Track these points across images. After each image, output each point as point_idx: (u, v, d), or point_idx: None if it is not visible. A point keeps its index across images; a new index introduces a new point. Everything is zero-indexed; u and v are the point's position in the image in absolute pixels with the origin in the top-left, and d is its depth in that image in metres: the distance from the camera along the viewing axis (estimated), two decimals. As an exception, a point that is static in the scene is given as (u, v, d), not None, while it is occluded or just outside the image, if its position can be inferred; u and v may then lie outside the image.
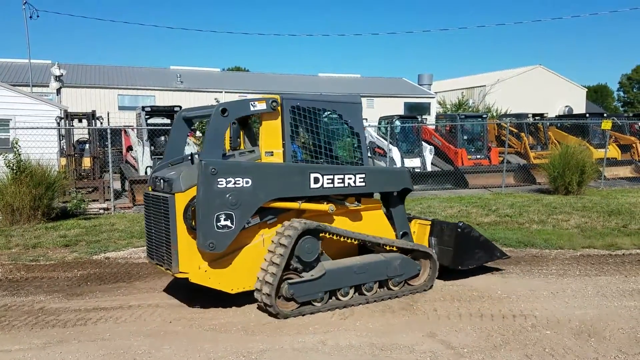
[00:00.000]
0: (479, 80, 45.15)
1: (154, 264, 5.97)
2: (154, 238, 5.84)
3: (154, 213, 5.79)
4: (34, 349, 4.79)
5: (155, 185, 5.83)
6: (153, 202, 5.78)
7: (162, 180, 5.63)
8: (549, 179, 14.98)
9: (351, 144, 6.44)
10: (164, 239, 5.57)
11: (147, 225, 6.02)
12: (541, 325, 5.24)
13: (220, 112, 5.39)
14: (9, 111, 17.42)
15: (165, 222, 5.52)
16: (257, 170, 5.49)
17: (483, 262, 7.04)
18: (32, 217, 10.74)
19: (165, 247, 5.56)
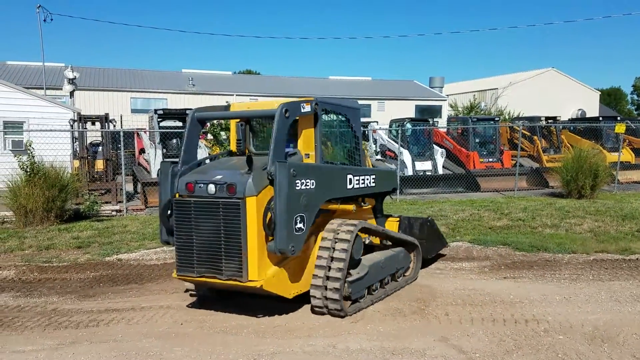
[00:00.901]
0: (491, 83, 44.94)
1: (194, 278, 5.40)
2: (200, 248, 5.30)
3: (203, 220, 5.26)
4: (46, 349, 4.83)
5: (195, 190, 5.33)
6: (203, 208, 5.25)
7: (215, 184, 5.20)
8: (562, 183, 14.86)
9: (354, 147, 6.63)
10: (223, 248, 5.17)
11: (183, 235, 5.39)
12: (554, 330, 5.19)
13: (283, 114, 5.32)
14: (23, 114, 17.64)
15: (229, 228, 5.13)
16: (318, 172, 5.58)
17: (439, 250, 7.98)
18: (45, 218, 10.84)
19: (226, 257, 5.18)
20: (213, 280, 5.32)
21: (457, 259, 8.25)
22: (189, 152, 5.91)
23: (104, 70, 36.18)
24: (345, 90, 37.85)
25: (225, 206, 5.14)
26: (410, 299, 6.14)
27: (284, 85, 38.02)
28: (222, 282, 5.28)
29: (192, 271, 5.38)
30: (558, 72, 44.52)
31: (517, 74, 45.78)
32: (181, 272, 5.48)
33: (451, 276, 7.21)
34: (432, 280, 6.95)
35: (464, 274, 7.37)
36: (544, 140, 21.15)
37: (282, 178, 5.05)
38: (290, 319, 5.51)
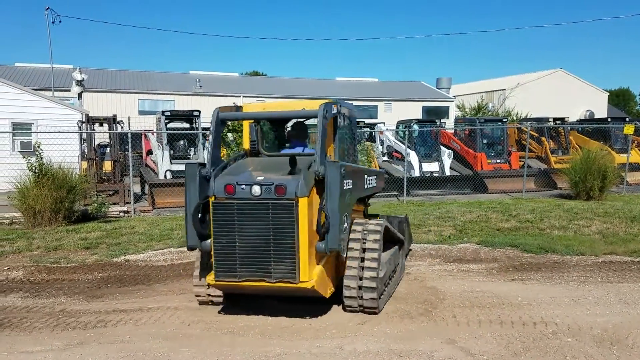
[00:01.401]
0: (498, 84, 44.80)
1: (236, 282, 5.23)
2: (245, 251, 5.16)
3: (248, 222, 5.13)
4: (54, 350, 4.85)
5: (237, 192, 5.15)
6: (248, 210, 5.11)
7: (261, 185, 5.09)
8: (570, 184, 14.78)
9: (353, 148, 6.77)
10: (273, 249, 5.09)
11: (223, 239, 5.21)
12: (562, 333, 5.16)
13: (324, 115, 5.39)
14: (32, 115, 17.76)
15: (281, 229, 5.06)
16: (354, 173, 5.77)
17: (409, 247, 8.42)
18: (53, 219, 10.89)
19: (276, 258, 5.10)
20: (259, 283, 5.18)
21: (465, 260, 8.22)
22: (217, 154, 5.74)
23: (112, 72, 36.36)
24: (352, 91, 37.84)
25: (277, 207, 5.06)
26: (418, 301, 6.12)
27: (291, 87, 38.07)
28: (270, 286, 5.17)
29: (235, 276, 5.19)
30: (566, 73, 44.32)
31: (525, 74, 45.63)
32: (221, 278, 5.24)
33: (459, 278, 7.19)
34: (440, 282, 6.93)
35: (472, 275, 7.34)
36: (552, 142, 21.06)
37: (334, 178, 5.10)
38: (297, 320, 5.51)
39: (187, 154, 16.41)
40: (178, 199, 13.69)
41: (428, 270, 7.57)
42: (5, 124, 16.92)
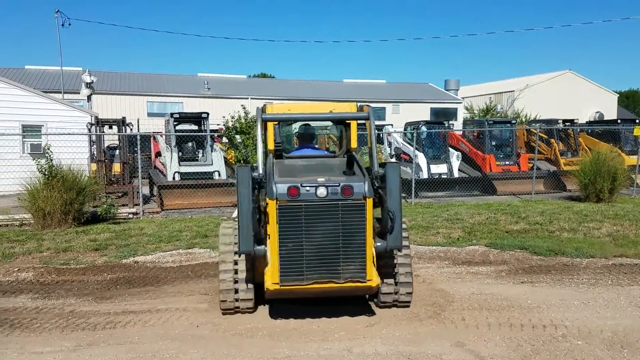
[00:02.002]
0: (507, 86, 44.62)
1: (303, 286, 5.15)
2: (313, 253, 5.13)
3: (317, 224, 5.10)
4: (64, 351, 4.88)
5: (301, 194, 5.09)
6: (317, 212, 5.10)
7: (327, 187, 5.10)
8: (580, 186, 14.69)
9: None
10: (342, 250, 5.13)
11: (289, 242, 5.12)
12: (572, 336, 5.13)
13: (367, 118, 5.70)
14: (42, 117, 17.88)
15: (351, 230, 5.13)
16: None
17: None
18: (63, 221, 10.95)
19: (345, 259, 5.14)
20: (326, 285, 5.17)
21: (474, 263, 8.19)
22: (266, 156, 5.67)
23: (121, 75, 36.57)
24: (359, 93, 37.83)
25: (347, 208, 5.10)
26: (426, 303, 6.10)
27: (299, 89, 38.13)
28: (338, 286, 5.18)
29: (302, 279, 5.13)
30: (575, 75, 44.08)
31: (533, 76, 45.41)
32: (287, 282, 5.12)
33: (467, 280, 7.16)
34: (448, 285, 6.90)
35: (481, 278, 7.31)
36: (561, 143, 20.91)
37: (395, 178, 5.26)
38: (305, 322, 5.51)
39: (195, 155, 16.45)
40: (186, 201, 13.74)
41: (437, 272, 7.55)
42: (15, 126, 17.04)
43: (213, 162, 15.66)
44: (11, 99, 17.51)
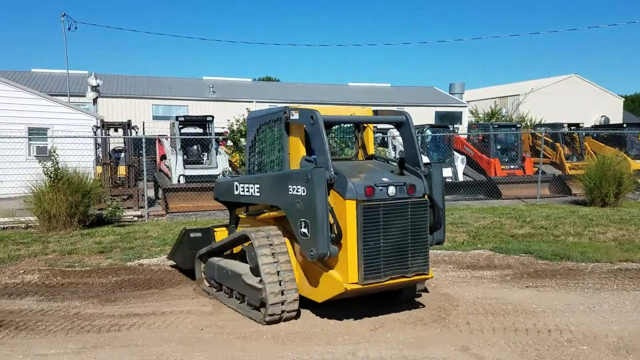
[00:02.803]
0: (512, 90, 44.52)
1: (381, 282, 5.27)
2: (389, 250, 5.27)
3: (392, 222, 5.27)
4: (69, 353, 4.89)
5: (376, 194, 5.20)
6: (392, 210, 5.27)
7: (395, 186, 5.30)
8: (585, 191, 14.66)
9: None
10: (411, 246, 5.38)
11: (371, 241, 5.19)
12: (577, 341, 5.10)
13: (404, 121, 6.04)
14: (48, 120, 17.97)
15: (417, 226, 5.43)
16: None
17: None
18: (68, 223, 10.99)
19: (413, 254, 5.41)
20: (397, 280, 5.39)
21: (478, 267, 8.17)
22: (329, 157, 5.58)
23: (127, 78, 36.68)
24: (364, 96, 37.83)
25: (415, 205, 5.39)
26: (431, 307, 6.09)
27: (304, 92, 38.16)
28: (406, 280, 5.46)
29: (380, 276, 5.26)
30: (581, 79, 43.96)
31: (539, 80, 45.29)
32: (369, 280, 5.20)
33: (472, 284, 7.14)
34: (453, 289, 6.89)
35: (486, 282, 7.29)
36: (566, 147, 20.89)
37: (440, 177, 5.67)
38: (309, 325, 5.51)
39: (200, 158, 16.50)
40: (191, 204, 13.77)
41: (441, 276, 7.53)
42: (21, 129, 17.11)
43: (218, 165, 15.70)
44: (18, 101, 17.60)
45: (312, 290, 5.57)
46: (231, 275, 6.14)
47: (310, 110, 5.46)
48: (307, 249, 5.20)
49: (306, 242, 5.22)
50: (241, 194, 6.40)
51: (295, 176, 5.35)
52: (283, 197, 5.51)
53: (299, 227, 5.29)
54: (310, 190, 5.10)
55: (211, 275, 6.66)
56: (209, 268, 6.73)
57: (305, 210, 5.19)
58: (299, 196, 5.24)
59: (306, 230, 5.20)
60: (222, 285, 6.45)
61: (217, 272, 6.48)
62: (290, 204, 5.38)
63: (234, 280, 6.07)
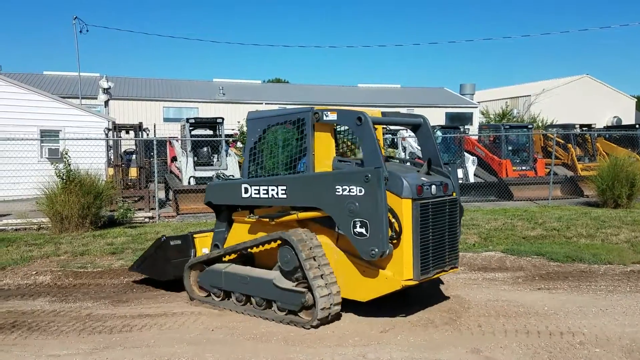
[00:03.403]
0: (523, 90, 44.29)
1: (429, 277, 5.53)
2: (435, 246, 5.52)
3: (437, 219, 5.54)
4: (81, 354, 4.92)
5: (424, 192, 5.40)
6: (438, 208, 5.54)
7: (437, 185, 5.57)
8: (598, 192, 14.53)
9: None
10: (448, 241, 5.73)
11: (424, 238, 5.39)
12: (590, 343, 5.06)
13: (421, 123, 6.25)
14: (60, 122, 18.12)
15: (453, 222, 5.77)
16: None
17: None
18: (80, 225, 11.07)
19: (450, 248, 5.75)
20: (438, 275, 5.72)
21: (490, 269, 8.12)
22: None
23: (138, 80, 36.91)
24: (374, 97, 37.79)
25: (452, 203, 5.73)
26: (442, 310, 6.06)
27: (313, 93, 38.19)
28: (444, 274, 5.84)
29: (429, 271, 5.51)
30: (592, 79, 43.64)
31: (550, 80, 45.03)
32: (423, 275, 5.42)
33: (484, 287, 7.10)
34: (464, 291, 6.85)
35: (497, 284, 7.25)
36: (578, 149, 20.75)
37: (457, 177, 6.11)
38: (319, 327, 5.50)
39: (210, 160, 16.56)
40: (202, 205, 13.71)
41: (452, 278, 7.49)
42: (33, 131, 17.27)
43: (228, 166, 15.74)
44: (30, 104, 17.76)
45: (353, 290, 5.54)
46: (251, 281, 5.87)
47: (357, 111, 5.55)
48: (366, 248, 5.20)
49: (364, 242, 5.21)
50: (253, 196, 6.07)
51: (348, 177, 5.32)
52: (327, 198, 5.44)
53: (352, 227, 5.27)
54: (371, 191, 5.15)
55: (213, 283, 6.27)
56: (209, 276, 6.34)
57: (362, 210, 5.19)
58: (354, 196, 5.23)
59: (363, 230, 5.20)
60: (232, 293, 6.12)
61: (226, 279, 6.13)
62: (339, 205, 5.34)
63: (255, 286, 5.84)
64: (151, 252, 7.00)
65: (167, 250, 6.85)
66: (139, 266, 7.15)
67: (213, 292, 6.32)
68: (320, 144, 5.80)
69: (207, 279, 6.38)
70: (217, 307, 6.23)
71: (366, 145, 5.46)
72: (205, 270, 6.42)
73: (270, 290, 5.68)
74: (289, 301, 5.55)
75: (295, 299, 5.47)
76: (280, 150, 6.16)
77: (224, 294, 6.24)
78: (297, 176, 5.82)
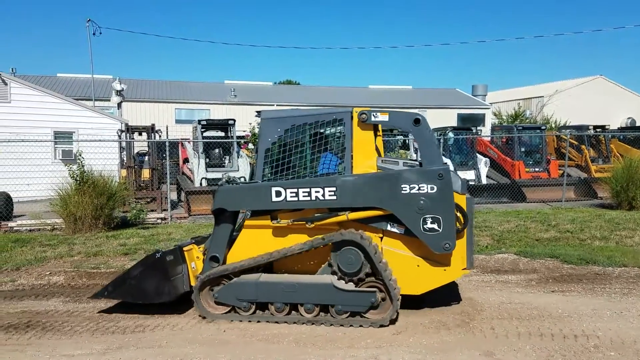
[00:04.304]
0: (536, 91, 43.98)
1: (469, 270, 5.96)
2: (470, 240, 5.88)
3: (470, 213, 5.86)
4: (94, 354, 4.95)
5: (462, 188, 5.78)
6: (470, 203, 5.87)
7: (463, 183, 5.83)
8: (612, 194, 14.39)
9: None
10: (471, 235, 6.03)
11: (469, 232, 5.85)
12: (604, 346, 5.01)
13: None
14: (73, 124, 18.29)
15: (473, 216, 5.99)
16: None
17: None
18: (93, 226, 11.15)
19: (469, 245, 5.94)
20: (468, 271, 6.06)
21: (503, 271, 8.07)
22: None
23: (150, 82, 37.12)
24: (384, 99, 37.71)
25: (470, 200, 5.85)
26: (454, 312, 6.03)
27: (324, 95, 38.18)
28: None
29: (472, 261, 5.92)
30: (606, 80, 43.23)
31: (563, 81, 44.68)
32: (471, 266, 5.91)
33: (497, 289, 7.06)
34: (477, 293, 6.81)
35: (510, 287, 7.20)
36: (592, 150, 20.55)
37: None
38: (331, 329, 5.49)
39: (222, 162, 16.62)
40: (213, 207, 13.83)
41: (464, 280, 7.45)
42: (47, 133, 17.42)
43: (239, 168, 15.79)
44: (44, 106, 17.94)
45: (406, 285, 5.69)
46: (301, 288, 5.62)
47: (414, 113, 5.79)
48: (439, 242, 5.51)
49: (436, 237, 5.50)
50: (289, 199, 5.68)
51: (418, 175, 5.54)
52: (391, 197, 5.55)
53: (422, 223, 5.50)
54: (443, 188, 5.50)
55: (242, 296, 5.75)
56: (234, 290, 5.77)
57: (434, 206, 5.49)
58: (425, 194, 5.49)
59: (435, 225, 5.49)
60: (271, 303, 5.74)
61: (261, 290, 5.70)
62: (406, 203, 5.51)
63: (305, 293, 5.61)
64: (138, 271, 6.08)
65: (165, 266, 6.01)
66: (115, 290, 6.14)
67: (241, 306, 5.79)
68: (361, 144, 5.79)
69: (230, 293, 5.79)
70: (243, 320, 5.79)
71: (427, 145, 5.71)
72: (227, 285, 5.83)
73: (327, 294, 5.55)
74: (354, 303, 5.52)
75: (364, 300, 5.49)
76: (309, 151, 5.94)
77: (255, 306, 5.80)
78: (351, 177, 5.67)
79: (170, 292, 5.97)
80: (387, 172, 5.71)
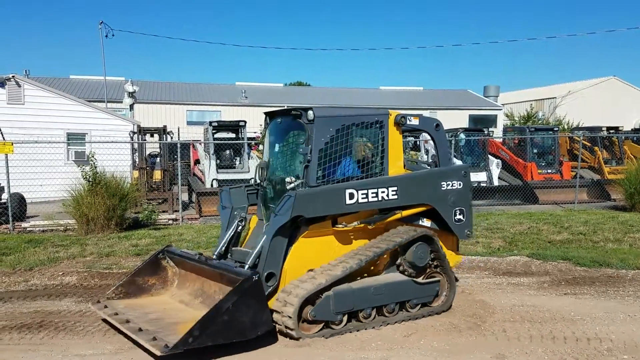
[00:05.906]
0: (548, 92, 43.68)
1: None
2: None
3: None
4: (106, 354, 4.98)
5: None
6: None
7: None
8: (625, 196, 14.26)
9: None
10: None
11: None
12: (618, 350, 4.96)
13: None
14: (86, 126, 18.43)
15: None
16: None
17: None
18: (106, 226, 11.22)
19: None
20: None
21: (515, 273, 8.02)
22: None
23: (162, 84, 37.31)
24: (395, 100, 37.62)
25: None
26: (466, 314, 6.00)
27: (334, 96, 38.16)
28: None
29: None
30: (620, 81, 42.85)
31: (576, 82, 44.35)
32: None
33: (509, 291, 7.01)
34: (489, 296, 6.78)
35: (522, 289, 7.15)
36: (605, 151, 20.36)
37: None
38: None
39: (233, 163, 16.67)
40: (224, 208, 13.86)
41: (476, 282, 7.42)
42: (60, 134, 17.59)
43: (250, 169, 15.82)
44: (56, 107, 18.09)
45: None
46: (386, 289, 5.57)
47: (434, 118, 6.52)
48: (464, 230, 6.32)
49: (462, 226, 6.29)
50: (360, 201, 5.56)
51: (451, 173, 6.26)
52: (435, 194, 6.10)
53: (453, 215, 6.22)
54: (466, 183, 6.31)
55: (340, 309, 5.31)
56: (332, 303, 5.25)
57: (460, 200, 6.23)
58: (455, 190, 6.19)
59: (461, 216, 6.27)
60: (360, 311, 5.47)
61: (356, 298, 5.40)
62: (444, 198, 6.14)
63: (390, 293, 5.59)
64: (230, 303, 4.81)
65: (262, 291, 5.11)
66: (202, 334, 4.66)
67: (335, 320, 5.32)
68: (395, 146, 6.09)
69: (327, 307, 5.25)
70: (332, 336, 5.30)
71: (443, 147, 6.57)
72: (322, 299, 5.22)
73: (407, 291, 5.78)
74: (425, 294, 5.93)
75: (431, 290, 5.97)
76: (354, 152, 5.94)
77: (346, 317, 5.42)
78: (408, 176, 6.09)
79: (269, 320, 5.07)
80: (430, 171, 6.46)
